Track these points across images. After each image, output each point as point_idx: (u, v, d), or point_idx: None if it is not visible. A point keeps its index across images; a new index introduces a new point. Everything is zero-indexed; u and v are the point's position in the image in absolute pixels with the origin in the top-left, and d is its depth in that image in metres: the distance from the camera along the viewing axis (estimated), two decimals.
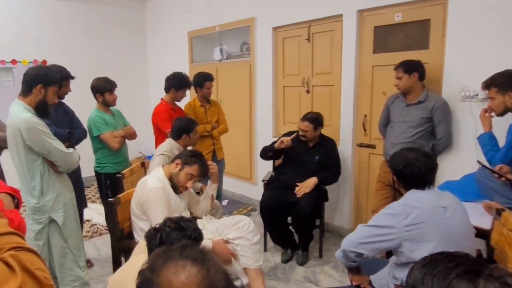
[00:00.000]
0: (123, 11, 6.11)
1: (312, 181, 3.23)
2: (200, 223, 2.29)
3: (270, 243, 3.51)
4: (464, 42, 2.80)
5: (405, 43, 3.24)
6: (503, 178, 2.16)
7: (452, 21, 2.86)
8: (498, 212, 2.00)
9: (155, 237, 1.54)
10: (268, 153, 3.49)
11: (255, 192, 4.62)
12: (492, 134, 2.42)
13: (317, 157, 3.33)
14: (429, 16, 3.04)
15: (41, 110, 2.30)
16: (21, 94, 2.30)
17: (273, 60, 4.24)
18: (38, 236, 2.37)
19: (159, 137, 3.60)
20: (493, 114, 2.41)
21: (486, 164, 2.35)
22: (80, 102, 3.58)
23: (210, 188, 2.82)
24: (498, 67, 2.35)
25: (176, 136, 3.17)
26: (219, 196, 3.83)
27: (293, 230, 3.37)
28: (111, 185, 3.27)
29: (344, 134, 3.63)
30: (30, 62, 5.17)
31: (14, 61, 5.12)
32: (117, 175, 3.07)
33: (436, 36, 3.00)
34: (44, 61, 5.18)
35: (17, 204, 1.28)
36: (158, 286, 0.88)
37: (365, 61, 3.44)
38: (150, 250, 1.56)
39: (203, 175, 2.57)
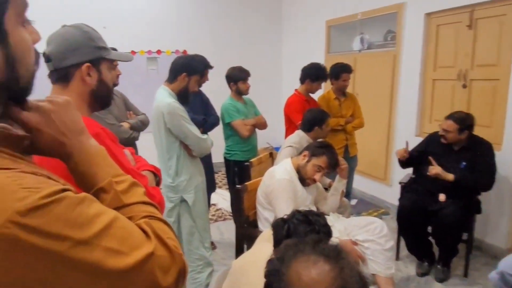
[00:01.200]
0: (260, 3, 6.23)
1: (448, 176, 2.82)
2: (327, 220, 2.16)
3: (404, 251, 3.21)
4: None
5: None
6: None
7: None
8: None
9: (283, 228, 1.52)
10: (409, 161, 3.17)
11: (389, 195, 4.29)
12: None
13: (464, 163, 2.86)
14: None
15: (182, 96, 2.45)
16: (167, 80, 2.49)
17: (423, 50, 3.83)
18: (170, 214, 2.53)
19: (290, 128, 3.59)
20: None
21: None
22: (215, 89, 3.75)
23: (340, 184, 2.72)
24: None
25: (308, 128, 3.11)
26: (348, 194, 3.65)
27: (432, 241, 3.01)
28: (239, 173, 3.36)
29: (510, 138, 3.04)
30: (172, 52, 5.62)
31: (159, 51, 5.63)
32: (245, 163, 3.13)
33: None
34: (185, 51, 5.60)
35: (158, 182, 1.33)
36: (286, 278, 0.86)
37: None
38: (276, 240, 1.54)
39: (332, 167, 2.50)
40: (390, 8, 4.15)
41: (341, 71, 3.62)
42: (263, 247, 1.65)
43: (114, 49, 1.55)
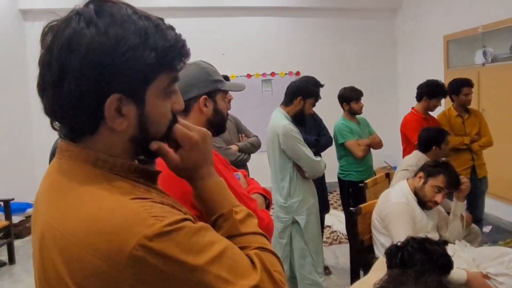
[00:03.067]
0: (373, 23, 6.35)
1: None
2: (451, 249, 2.00)
3: None
4: None
5: None
6: None
7: None
8: None
9: (396, 255, 1.48)
10: None
11: None
12: None
13: None
14: None
15: (298, 119, 2.61)
16: (283, 103, 2.66)
17: None
18: (282, 235, 2.61)
19: (407, 148, 3.55)
20: None
21: None
22: (327, 110, 3.84)
23: (457, 207, 2.54)
24: None
25: (424, 148, 3.03)
26: (479, 220, 3.38)
27: None
28: (353, 194, 3.37)
29: None
30: (286, 73, 5.95)
31: (273, 74, 6.00)
32: (360, 184, 3.14)
33: None
34: (298, 72, 5.88)
35: (268, 204, 1.41)
36: None
37: None
38: (389, 268, 1.50)
39: (453, 186, 2.38)
40: None
41: (461, 85, 3.53)
42: (374, 277, 1.62)
43: (227, 78, 1.74)
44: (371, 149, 3.54)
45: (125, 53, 0.64)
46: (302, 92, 2.59)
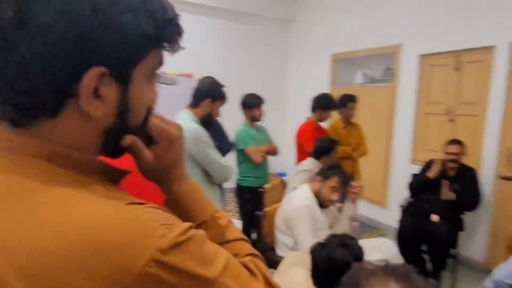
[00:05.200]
0: (269, 31, 6.65)
1: (451, 195, 3.53)
2: None
3: None
4: None
5: None
6: None
7: None
8: None
9: (321, 252, 1.71)
10: (420, 186, 3.78)
11: (386, 217, 4.99)
12: None
13: (456, 186, 3.60)
14: None
15: (206, 122, 2.53)
16: (190, 105, 2.58)
17: (417, 87, 4.65)
18: None
19: (301, 156, 3.92)
20: None
21: None
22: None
23: (349, 208, 2.93)
24: None
25: (317, 156, 3.52)
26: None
27: (424, 258, 3.66)
28: (251, 199, 3.51)
29: (486, 165, 3.86)
30: (178, 74, 5.65)
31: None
32: (259, 189, 3.41)
33: None
34: (190, 75, 5.68)
35: None
36: None
37: None
38: (314, 265, 1.73)
39: (345, 184, 2.76)
40: (389, 48, 4.97)
41: (348, 100, 4.15)
42: (296, 272, 1.82)
43: None
44: (268, 156, 3.73)
45: (122, 13, 0.53)
46: (211, 94, 2.53)
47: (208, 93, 2.53)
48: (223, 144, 3.23)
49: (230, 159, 3.23)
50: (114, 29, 0.52)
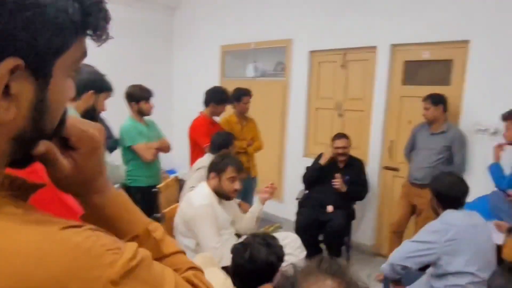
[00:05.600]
0: (151, 17, 6.25)
1: (343, 188, 3.81)
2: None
3: None
4: (482, 82, 3.42)
5: (431, 78, 3.85)
6: None
7: (473, 63, 3.47)
8: (510, 230, 2.54)
9: (244, 251, 1.74)
10: (314, 174, 3.97)
11: (282, 210, 5.16)
12: (500, 165, 3.12)
13: (347, 177, 3.87)
14: (452, 57, 3.67)
15: (89, 117, 2.24)
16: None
17: (308, 82, 4.85)
18: None
19: (195, 152, 3.81)
20: (505, 148, 3.08)
21: None
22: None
23: (257, 209, 2.92)
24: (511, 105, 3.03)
25: (215, 151, 3.34)
26: None
27: (321, 247, 3.89)
28: (143, 200, 3.25)
29: (372, 157, 4.21)
30: None
31: None
32: (152, 190, 3.25)
33: (457, 74, 3.64)
34: None
35: None
36: None
37: (395, 91, 4.04)
38: (235, 266, 1.76)
39: (241, 169, 2.71)
40: (280, 42, 5.09)
41: (242, 94, 4.11)
42: (212, 273, 1.79)
43: None
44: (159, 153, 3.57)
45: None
46: (94, 85, 2.27)
47: (91, 84, 2.26)
48: (107, 141, 2.97)
49: (115, 158, 3.02)
50: (34, 13, 0.44)
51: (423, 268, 2.49)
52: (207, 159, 3.35)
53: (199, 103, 4.05)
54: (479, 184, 3.22)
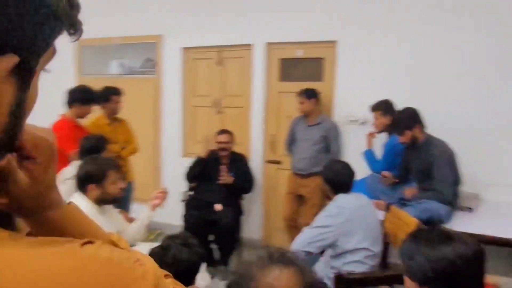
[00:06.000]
0: None
1: (230, 179, 3.85)
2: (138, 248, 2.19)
3: None
4: (351, 78, 3.84)
5: (305, 74, 4.14)
6: (389, 181, 3.23)
7: (341, 61, 3.87)
8: (387, 207, 2.90)
9: (165, 255, 1.71)
10: (196, 169, 3.91)
11: (162, 215, 4.82)
12: (373, 150, 3.55)
13: (232, 173, 3.90)
14: (323, 55, 4.04)
15: None
16: None
17: (182, 79, 4.74)
18: None
19: (60, 159, 3.41)
20: (376, 135, 3.50)
21: None
22: None
23: (147, 215, 2.79)
24: (377, 98, 3.47)
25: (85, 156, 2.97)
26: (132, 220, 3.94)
27: (211, 247, 3.83)
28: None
29: (254, 151, 4.34)
30: None
31: None
32: None
33: (328, 71, 4.02)
34: None
35: None
36: None
37: (273, 87, 4.25)
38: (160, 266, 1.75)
39: (118, 167, 2.56)
40: (149, 38, 4.86)
41: (111, 93, 3.83)
42: None
43: None
44: None
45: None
46: None
47: None
48: None
49: None
50: (33, 4, 0.40)
51: (322, 252, 2.68)
52: (74, 167, 2.87)
53: (56, 104, 3.61)
54: (355, 169, 3.61)
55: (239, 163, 4.04)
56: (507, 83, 3.36)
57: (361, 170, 3.53)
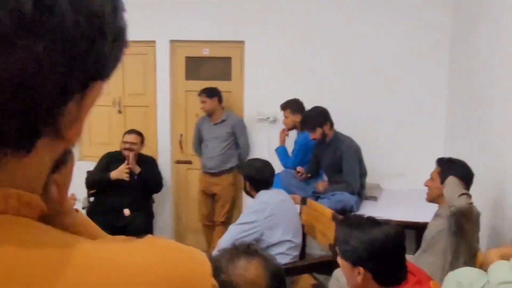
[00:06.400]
0: None
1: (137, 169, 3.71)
2: None
3: None
4: (259, 77, 3.97)
5: (213, 73, 4.16)
6: (303, 176, 3.40)
7: (249, 61, 3.99)
8: (303, 201, 3.05)
9: None
10: (100, 185, 3.70)
11: None
12: (285, 147, 3.73)
13: (136, 176, 3.71)
14: (231, 55, 4.11)
15: None
16: None
17: None
18: None
19: None
20: (287, 133, 3.65)
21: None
22: None
23: None
24: (285, 96, 3.64)
25: None
26: None
27: None
28: None
29: (162, 152, 4.21)
30: None
31: None
32: None
33: (236, 70, 4.10)
34: None
35: None
36: (233, 284, 1.13)
37: (179, 86, 4.19)
38: None
39: None
40: None
41: None
42: None
43: None
44: None
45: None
46: None
47: None
48: None
49: None
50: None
51: None
52: None
53: None
54: None
55: (146, 164, 3.85)
56: (404, 80, 3.75)
57: (274, 166, 3.66)
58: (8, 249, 0.36)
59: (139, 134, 3.78)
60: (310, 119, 3.32)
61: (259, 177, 2.74)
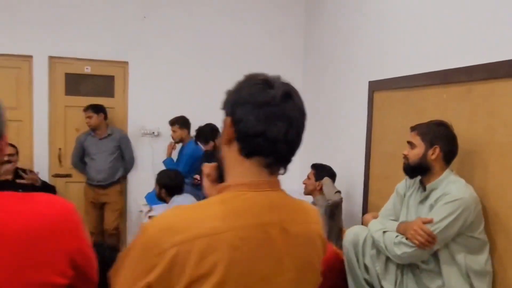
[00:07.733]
0: None
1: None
2: None
3: None
4: (142, 95, 4.44)
5: (95, 90, 4.42)
6: (199, 182, 3.89)
7: (132, 80, 4.40)
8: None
9: None
10: None
11: None
12: (172, 158, 4.28)
13: (20, 190, 3.69)
14: (114, 73, 4.46)
15: None
16: None
17: None
18: None
19: None
20: (175, 146, 4.13)
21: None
22: None
23: None
24: (169, 112, 4.20)
25: None
26: None
27: None
28: None
29: (39, 166, 4.18)
30: None
31: None
32: None
33: (119, 88, 4.45)
34: None
35: None
36: None
37: (58, 101, 4.29)
38: None
39: None
40: None
41: None
42: None
43: None
44: None
45: None
46: None
47: None
48: None
49: None
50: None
51: None
52: None
53: None
54: (150, 176, 4.13)
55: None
56: None
57: None
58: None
59: (14, 146, 3.76)
60: (204, 133, 3.93)
61: (172, 184, 3.29)
